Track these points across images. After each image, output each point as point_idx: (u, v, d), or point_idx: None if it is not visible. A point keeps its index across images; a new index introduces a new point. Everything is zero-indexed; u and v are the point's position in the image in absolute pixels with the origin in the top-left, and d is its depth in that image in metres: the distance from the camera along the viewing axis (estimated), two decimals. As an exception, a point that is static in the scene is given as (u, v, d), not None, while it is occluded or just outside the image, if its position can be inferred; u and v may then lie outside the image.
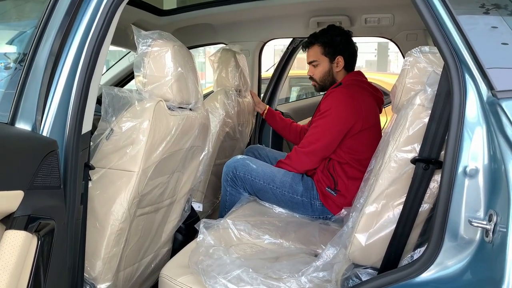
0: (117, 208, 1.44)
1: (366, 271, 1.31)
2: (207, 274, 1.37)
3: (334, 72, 2.19)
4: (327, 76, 2.20)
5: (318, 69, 2.21)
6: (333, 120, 2.00)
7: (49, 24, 1.23)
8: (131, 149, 1.44)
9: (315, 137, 2.04)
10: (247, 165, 2.18)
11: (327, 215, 2.08)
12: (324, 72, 2.20)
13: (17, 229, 0.92)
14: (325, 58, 2.18)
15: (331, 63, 2.19)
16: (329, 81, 2.21)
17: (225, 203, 2.24)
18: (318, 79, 2.23)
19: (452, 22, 1.07)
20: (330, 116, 2.00)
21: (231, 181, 2.20)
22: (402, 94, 1.36)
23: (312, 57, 2.22)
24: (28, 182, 0.97)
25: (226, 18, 2.75)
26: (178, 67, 1.54)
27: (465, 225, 1.01)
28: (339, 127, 2.00)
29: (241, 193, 2.20)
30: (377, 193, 1.26)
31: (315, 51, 2.20)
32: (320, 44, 2.18)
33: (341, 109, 1.99)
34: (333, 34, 2.18)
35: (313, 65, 2.22)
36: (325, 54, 2.18)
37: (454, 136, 1.04)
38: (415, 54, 1.33)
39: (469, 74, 1.05)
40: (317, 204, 2.09)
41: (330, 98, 2.05)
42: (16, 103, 1.16)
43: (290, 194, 2.11)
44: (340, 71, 2.19)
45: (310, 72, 2.26)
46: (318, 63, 2.20)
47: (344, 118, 1.99)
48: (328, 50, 2.17)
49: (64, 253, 1.17)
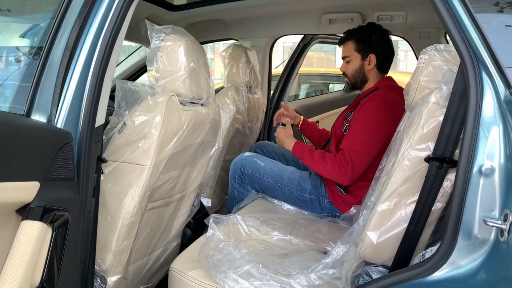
0: (129, 202, 1.44)
1: (377, 269, 1.31)
2: (217, 269, 1.37)
3: (365, 70, 2.13)
4: (358, 74, 2.15)
5: (350, 65, 2.16)
6: (377, 131, 1.90)
7: (65, 19, 1.23)
8: (143, 143, 1.44)
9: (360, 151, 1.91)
10: (254, 162, 2.17)
11: (335, 213, 2.08)
12: (356, 69, 2.14)
13: (33, 220, 0.93)
14: (357, 54, 2.13)
15: (363, 60, 2.13)
16: (360, 78, 2.15)
17: (233, 201, 2.24)
18: (349, 75, 2.18)
19: (470, 19, 1.06)
20: (372, 127, 1.91)
21: (238, 178, 2.19)
22: (416, 92, 1.35)
23: (345, 52, 2.17)
24: (44, 173, 0.97)
25: (238, 14, 2.75)
26: (190, 62, 1.54)
27: (480, 224, 1.00)
28: (382, 138, 1.89)
29: (249, 190, 2.20)
30: (389, 191, 1.25)
31: (349, 47, 2.15)
32: (354, 40, 2.13)
33: (384, 119, 1.90)
34: (369, 32, 2.13)
35: (346, 61, 2.18)
36: (358, 51, 2.13)
37: (469, 135, 1.03)
38: (430, 52, 1.31)
39: (486, 72, 1.04)
40: (326, 202, 2.08)
41: (370, 106, 1.96)
42: (32, 95, 1.16)
43: (298, 192, 2.10)
44: (372, 69, 2.13)
45: (342, 68, 2.21)
46: (351, 59, 2.15)
47: (387, 127, 1.87)
48: (361, 47, 2.12)
49: (76, 245, 1.17)
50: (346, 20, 2.53)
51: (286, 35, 3.06)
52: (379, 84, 2.09)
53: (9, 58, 1.72)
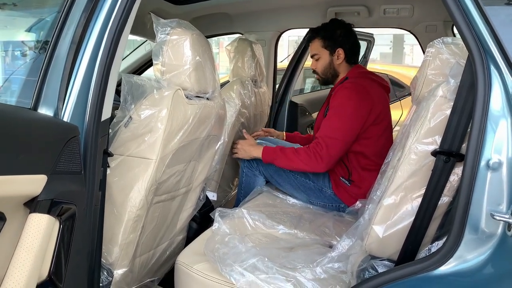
0: (135, 195, 1.45)
1: (383, 263, 1.31)
2: (223, 262, 1.38)
3: (335, 64, 2.20)
4: (328, 69, 2.22)
5: (319, 62, 2.23)
6: (349, 116, 1.98)
7: (71, 13, 1.23)
8: (149, 137, 1.45)
9: (333, 137, 1.98)
10: None
11: (339, 204, 2.10)
12: (325, 65, 2.22)
13: (40, 213, 0.93)
14: (325, 51, 2.20)
15: (331, 55, 2.20)
16: (331, 73, 2.23)
17: (241, 184, 2.33)
18: (320, 72, 2.25)
19: (479, 11, 1.05)
20: (346, 113, 1.98)
21: (248, 163, 2.27)
22: (423, 86, 1.34)
23: (314, 50, 2.25)
24: (51, 166, 0.98)
25: (243, 8, 2.74)
26: (196, 56, 1.54)
27: (487, 218, 0.99)
28: (356, 122, 1.98)
29: (256, 175, 2.27)
30: (396, 185, 1.25)
31: (316, 44, 2.22)
32: (320, 37, 2.21)
33: (355, 104, 1.98)
34: (333, 27, 2.20)
35: (315, 59, 2.25)
36: (325, 47, 2.20)
37: (477, 129, 1.02)
38: (438, 45, 1.30)
39: (495, 65, 1.03)
40: (329, 192, 2.11)
41: (341, 94, 2.04)
42: (38, 89, 1.17)
43: (302, 178, 2.14)
44: (341, 63, 2.20)
45: (312, 66, 2.29)
46: (319, 56, 2.22)
47: (359, 112, 1.97)
48: (328, 43, 2.19)
49: (83, 238, 1.18)
50: (352, 13, 2.52)
51: (292, 28, 3.05)
52: (349, 74, 2.17)
53: (15, 52, 1.73)
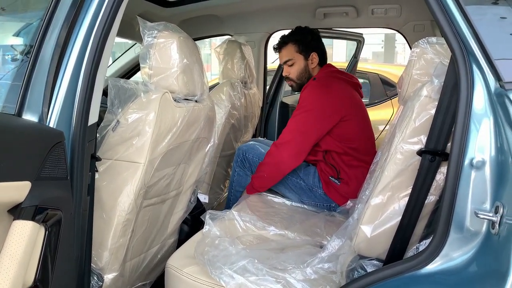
0: (124, 199, 1.45)
1: (372, 262, 1.32)
2: (212, 265, 1.37)
3: (310, 68, 2.22)
4: (304, 73, 2.22)
5: (294, 67, 2.22)
6: (307, 111, 2.00)
7: (55, 15, 1.22)
8: (137, 140, 1.44)
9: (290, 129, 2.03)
10: (256, 149, 2.27)
11: (331, 203, 2.11)
12: (301, 70, 2.22)
13: (24, 219, 0.93)
14: (300, 55, 2.20)
15: (306, 60, 2.21)
16: (306, 78, 2.23)
17: (232, 183, 2.34)
18: (295, 77, 2.24)
19: (460, 12, 1.06)
20: (310, 111, 2.00)
21: (240, 162, 2.29)
22: (409, 86, 1.35)
23: (287, 56, 2.23)
24: (35, 173, 0.97)
25: (232, 9, 2.74)
26: (183, 59, 1.54)
27: (471, 217, 1.00)
28: (317, 117, 2.00)
29: (248, 175, 2.28)
30: (383, 185, 1.26)
31: (289, 50, 2.22)
32: (293, 42, 2.20)
33: (320, 102, 2.00)
34: (304, 33, 2.22)
35: (288, 65, 2.24)
36: (300, 52, 2.20)
37: (461, 128, 1.03)
38: (422, 45, 1.31)
39: (477, 65, 1.04)
40: (320, 192, 2.12)
41: (307, 93, 2.06)
42: (22, 94, 1.16)
43: (294, 178, 2.15)
44: (315, 67, 2.22)
45: (285, 72, 2.27)
46: (294, 61, 2.21)
47: (321, 108, 1.99)
48: (302, 48, 2.19)
49: (71, 244, 1.18)
50: (341, 14, 2.54)
51: (281, 29, 3.05)
52: (317, 75, 2.17)
53: (3, 57, 1.71)
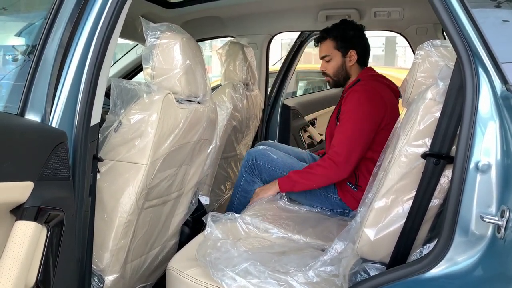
0: (125, 200, 1.44)
1: (375, 266, 1.31)
2: (214, 267, 1.37)
3: (347, 66, 2.16)
4: (340, 71, 2.17)
5: (331, 64, 2.18)
6: (363, 120, 1.94)
7: (58, 16, 1.22)
8: (140, 141, 1.44)
9: (349, 142, 1.95)
10: (267, 155, 2.20)
11: (345, 209, 2.07)
12: (337, 67, 2.17)
13: (27, 220, 0.92)
14: (337, 52, 2.15)
15: (343, 57, 2.15)
16: (343, 76, 2.18)
17: (238, 188, 2.28)
18: (331, 74, 2.20)
19: (466, 15, 1.05)
20: (358, 118, 1.95)
21: (249, 168, 2.22)
22: (413, 88, 1.34)
23: (325, 51, 2.18)
24: (38, 173, 0.97)
25: (234, 11, 2.74)
26: (186, 60, 1.53)
27: (477, 220, 1.00)
28: (371, 126, 1.95)
29: (255, 182, 2.23)
30: (386, 188, 1.25)
31: (328, 45, 2.17)
32: (332, 38, 2.15)
33: (368, 107, 1.95)
34: (345, 28, 2.15)
35: (326, 60, 2.19)
36: (338, 48, 2.15)
37: (466, 131, 1.02)
38: (427, 47, 1.31)
39: (483, 68, 1.03)
40: (335, 198, 2.08)
41: (353, 98, 2.00)
42: (25, 94, 1.15)
43: None
44: (353, 65, 2.16)
45: (322, 67, 2.23)
46: (331, 57, 2.17)
47: (373, 115, 1.94)
48: (340, 44, 2.14)
49: (72, 245, 1.17)
50: (343, 16, 2.53)
51: (283, 32, 3.05)
52: (360, 76, 2.13)
53: (6, 57, 1.71)
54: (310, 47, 3.25)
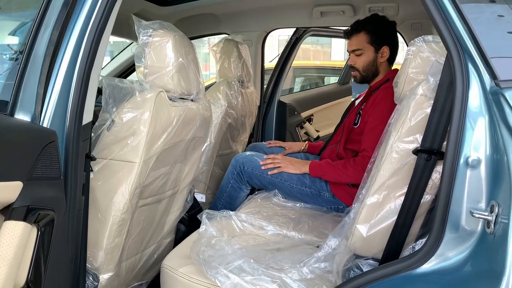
0: (119, 199, 1.44)
1: (367, 262, 1.31)
2: (208, 265, 1.37)
3: (378, 62, 2.07)
4: (370, 67, 2.08)
5: (361, 58, 2.07)
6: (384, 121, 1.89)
7: (47, 14, 1.21)
8: (132, 140, 1.44)
9: None
10: (255, 161, 2.16)
11: (339, 205, 2.06)
12: (368, 62, 2.07)
13: (16, 220, 0.92)
14: (370, 47, 2.05)
15: (376, 52, 2.06)
16: (372, 72, 2.09)
17: (223, 194, 2.23)
18: (361, 69, 2.10)
19: (455, 10, 1.05)
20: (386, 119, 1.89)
21: (237, 175, 2.18)
22: (405, 84, 1.34)
23: (356, 45, 2.08)
24: (27, 173, 0.96)
25: (229, 8, 2.73)
26: (179, 58, 1.53)
27: (467, 216, 1.00)
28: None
29: (242, 189, 2.19)
30: (378, 184, 1.25)
31: (360, 39, 2.06)
32: (367, 32, 2.04)
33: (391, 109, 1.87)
34: (381, 23, 2.07)
35: (356, 54, 2.09)
36: (371, 43, 2.05)
37: (456, 127, 1.02)
38: (418, 43, 1.30)
39: (472, 63, 1.03)
40: (327, 195, 2.06)
41: (387, 99, 1.87)
42: (15, 94, 1.14)
43: (298, 187, 2.09)
44: (384, 62, 2.08)
45: (351, 62, 2.12)
46: (363, 52, 2.06)
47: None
48: (375, 39, 2.04)
49: (65, 244, 1.17)
50: (338, 12, 2.52)
51: (278, 28, 3.04)
52: (389, 75, 2.04)
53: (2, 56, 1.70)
54: (308, 44, 3.24)
